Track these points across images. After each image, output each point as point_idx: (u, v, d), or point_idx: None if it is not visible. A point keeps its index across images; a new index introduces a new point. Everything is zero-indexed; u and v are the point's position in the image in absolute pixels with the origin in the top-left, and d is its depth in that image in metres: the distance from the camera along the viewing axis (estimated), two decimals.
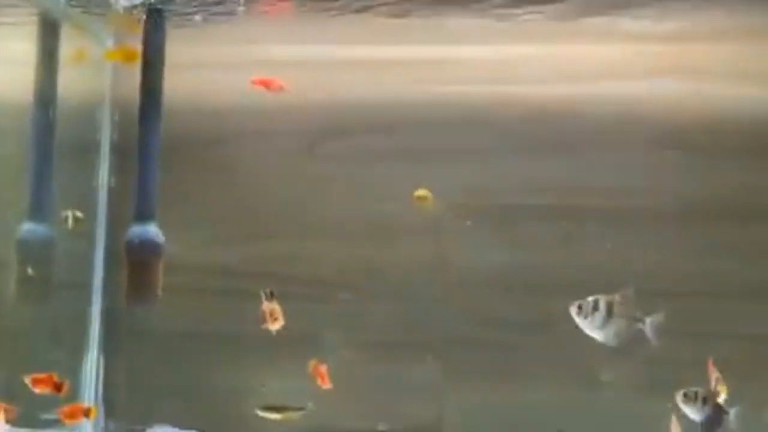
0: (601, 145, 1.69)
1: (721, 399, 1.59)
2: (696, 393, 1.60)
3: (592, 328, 1.59)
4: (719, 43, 1.71)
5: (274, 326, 1.67)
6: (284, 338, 1.66)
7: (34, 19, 1.71)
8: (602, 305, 1.60)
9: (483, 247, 1.68)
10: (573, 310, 1.59)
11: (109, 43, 1.79)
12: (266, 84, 1.72)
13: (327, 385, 1.60)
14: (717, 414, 1.60)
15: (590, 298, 1.60)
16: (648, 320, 1.59)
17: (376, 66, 1.72)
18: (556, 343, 1.65)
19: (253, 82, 1.72)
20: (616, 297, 1.59)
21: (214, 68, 1.74)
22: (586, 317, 1.59)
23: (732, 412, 1.59)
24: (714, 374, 1.59)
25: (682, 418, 1.55)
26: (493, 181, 1.69)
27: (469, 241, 1.69)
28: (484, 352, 1.68)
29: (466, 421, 1.71)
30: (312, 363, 1.61)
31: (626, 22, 1.70)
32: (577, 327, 1.63)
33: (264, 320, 1.67)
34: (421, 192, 1.73)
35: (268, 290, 1.67)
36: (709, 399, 1.59)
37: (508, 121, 1.69)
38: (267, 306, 1.67)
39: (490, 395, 1.68)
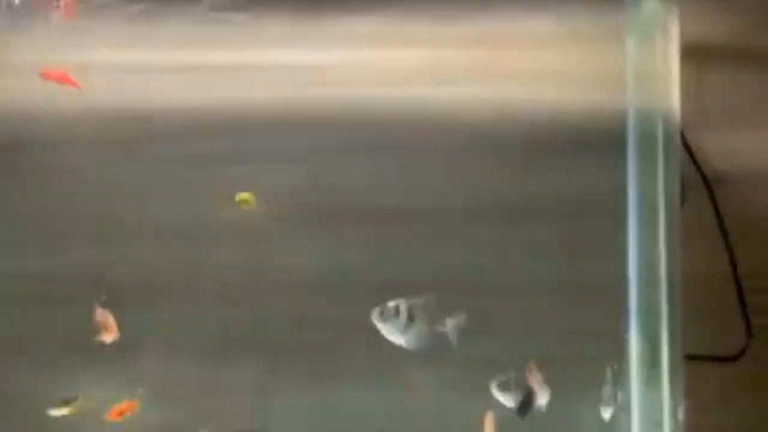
0: (418, 147, 1.76)
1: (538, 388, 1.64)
2: (507, 380, 1.64)
3: (394, 333, 1.61)
4: (529, 47, 1.76)
5: (109, 337, 1.66)
6: (104, 345, 1.68)
7: None
8: (403, 309, 1.62)
9: (304, 249, 1.76)
10: (374, 316, 1.61)
11: None
12: (58, 78, 1.71)
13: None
14: (528, 396, 1.64)
15: (391, 303, 1.62)
16: (449, 323, 1.62)
17: (196, 70, 1.77)
18: (378, 344, 1.69)
19: (44, 75, 1.72)
20: (418, 301, 1.62)
21: (28, 74, 1.74)
22: (388, 321, 1.61)
23: (543, 394, 1.64)
24: (532, 372, 1.63)
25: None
26: (313, 184, 1.76)
27: (291, 244, 1.76)
28: (306, 354, 1.75)
29: (290, 423, 1.75)
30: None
31: (432, 26, 1.76)
32: None
33: (97, 331, 1.66)
34: (243, 195, 1.74)
35: (102, 297, 1.66)
36: (522, 384, 1.64)
37: (328, 124, 1.75)
38: (101, 315, 1.65)
39: (313, 397, 1.74)
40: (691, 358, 1.68)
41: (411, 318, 1.62)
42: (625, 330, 1.68)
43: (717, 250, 1.91)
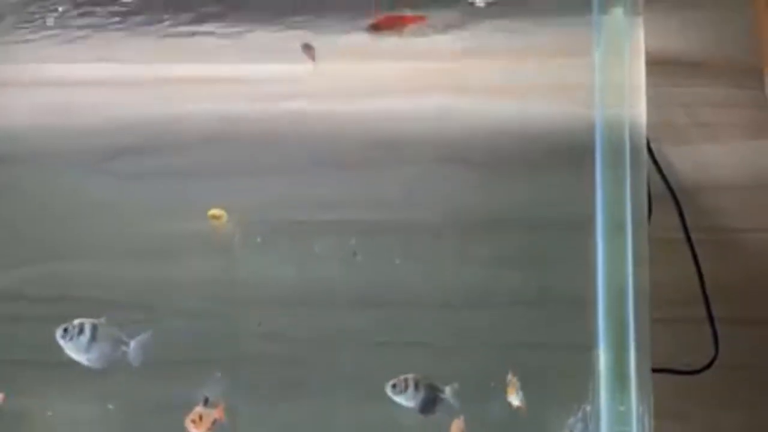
0: (387, 161, 1.77)
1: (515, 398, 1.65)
2: (405, 380, 1.65)
3: (77, 352, 1.62)
4: (496, 60, 1.77)
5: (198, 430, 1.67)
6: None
7: None
8: (87, 328, 1.63)
9: (273, 264, 1.76)
10: (59, 333, 1.62)
11: None
12: None
13: None
14: (431, 394, 1.65)
15: (76, 321, 1.63)
16: (132, 343, 1.64)
17: (165, 84, 1.77)
18: (346, 358, 1.70)
19: None
20: (101, 320, 1.63)
21: None
22: (71, 340, 1.62)
23: (447, 390, 1.65)
24: (511, 382, 1.64)
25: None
26: (282, 198, 1.76)
27: (259, 258, 1.75)
28: (275, 368, 1.74)
29: None
30: None
31: (399, 40, 1.76)
32: (369, 343, 1.67)
33: (192, 422, 1.67)
34: (215, 211, 1.74)
35: (205, 396, 1.67)
36: (420, 383, 1.64)
37: (297, 138, 1.76)
38: (201, 411, 1.66)
39: (281, 412, 1.74)
40: (657, 370, 1.69)
41: (94, 336, 1.63)
42: (593, 343, 1.69)
43: (684, 261, 1.92)
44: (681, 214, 1.92)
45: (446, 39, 1.76)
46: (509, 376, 1.67)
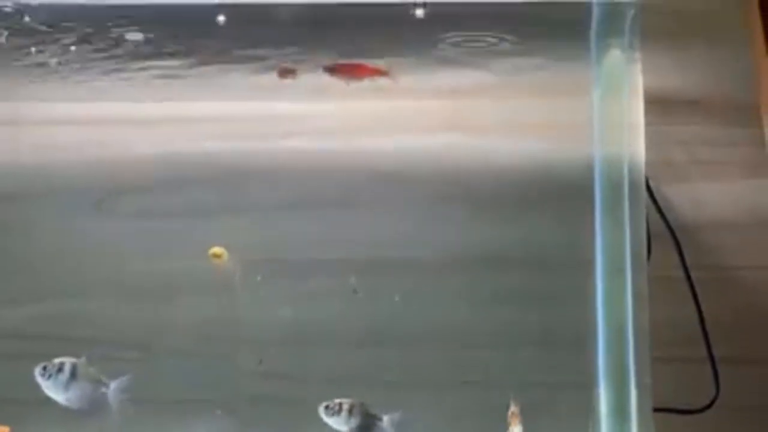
0: (387, 198, 1.77)
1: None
2: (340, 404, 1.64)
3: (55, 391, 1.62)
4: (497, 99, 1.78)
5: None
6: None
7: None
8: (67, 367, 1.62)
9: (273, 303, 1.76)
10: (37, 371, 1.61)
11: None
12: None
13: None
14: (368, 421, 1.64)
15: (57, 360, 1.62)
16: (112, 384, 1.64)
17: (166, 123, 1.77)
18: (346, 397, 1.68)
19: None
20: (82, 359, 1.62)
21: None
22: (49, 378, 1.61)
23: (386, 419, 1.64)
24: (514, 414, 1.64)
25: None
26: (282, 236, 1.77)
27: (259, 297, 1.76)
28: (274, 407, 1.74)
29: None
30: None
31: (405, 79, 1.77)
32: (369, 381, 1.67)
33: None
34: (216, 249, 1.74)
35: None
36: (355, 408, 1.64)
37: (297, 176, 1.77)
38: None
39: None
40: (658, 410, 1.68)
41: (74, 375, 1.63)
42: (594, 382, 1.69)
43: (683, 299, 1.91)
44: (680, 253, 1.92)
45: (448, 77, 1.77)
46: (511, 407, 1.67)
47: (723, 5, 1.94)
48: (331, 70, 1.74)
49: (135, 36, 1.75)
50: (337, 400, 1.65)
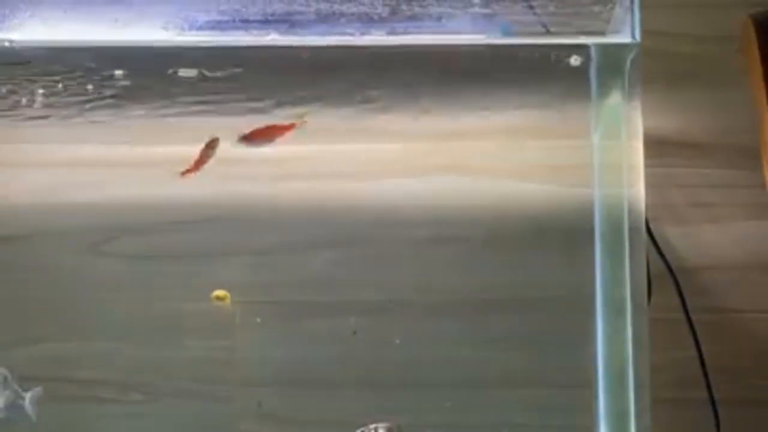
0: (387, 240, 1.77)
1: None
2: (376, 429, 1.64)
3: None
4: (496, 140, 1.78)
5: None
6: None
7: None
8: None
9: (272, 344, 1.76)
10: None
11: None
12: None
13: None
14: None
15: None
16: (27, 396, 1.66)
17: (165, 164, 1.76)
18: None
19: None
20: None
21: None
22: None
23: None
24: None
25: None
26: (281, 277, 1.77)
27: (259, 338, 1.75)
28: None
29: None
30: None
31: (401, 121, 1.77)
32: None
33: None
34: (219, 292, 1.74)
35: None
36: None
37: (297, 218, 1.76)
38: None
39: None
40: None
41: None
42: (594, 427, 1.68)
43: (684, 341, 1.91)
44: (681, 295, 1.92)
45: (446, 119, 1.78)
46: None
47: (723, 48, 1.95)
48: (246, 138, 1.75)
49: (124, 82, 1.76)
50: (372, 426, 1.66)
